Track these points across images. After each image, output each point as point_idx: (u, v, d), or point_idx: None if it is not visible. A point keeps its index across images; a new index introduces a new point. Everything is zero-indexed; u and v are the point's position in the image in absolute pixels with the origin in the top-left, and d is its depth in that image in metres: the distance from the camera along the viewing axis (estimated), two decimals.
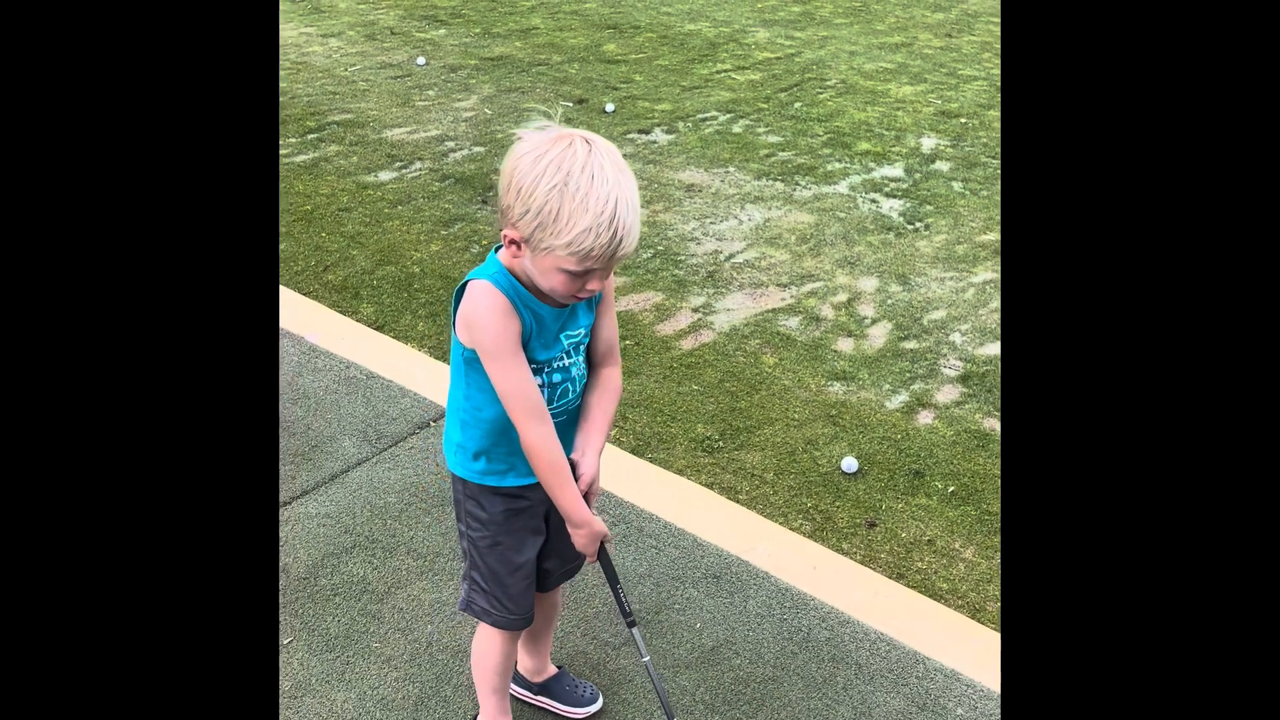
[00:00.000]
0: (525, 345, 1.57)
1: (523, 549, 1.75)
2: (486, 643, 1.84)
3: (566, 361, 1.64)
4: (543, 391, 1.61)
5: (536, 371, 1.60)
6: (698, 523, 2.57)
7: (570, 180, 1.38)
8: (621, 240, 1.42)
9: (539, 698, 2.07)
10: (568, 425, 1.69)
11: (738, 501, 2.78)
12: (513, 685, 2.07)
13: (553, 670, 2.07)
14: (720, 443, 3.04)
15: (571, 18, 7.88)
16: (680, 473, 2.88)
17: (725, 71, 6.66)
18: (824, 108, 6.01)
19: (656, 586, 2.37)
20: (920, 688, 2.11)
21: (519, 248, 1.48)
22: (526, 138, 1.45)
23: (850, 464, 2.95)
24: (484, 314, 1.53)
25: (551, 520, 1.76)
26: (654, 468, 2.86)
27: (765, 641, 2.22)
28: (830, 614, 2.30)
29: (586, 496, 1.65)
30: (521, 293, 1.55)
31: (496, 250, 1.58)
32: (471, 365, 1.59)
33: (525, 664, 2.04)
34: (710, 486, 2.83)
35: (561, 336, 1.62)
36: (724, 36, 7.47)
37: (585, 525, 1.64)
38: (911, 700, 2.09)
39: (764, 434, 3.09)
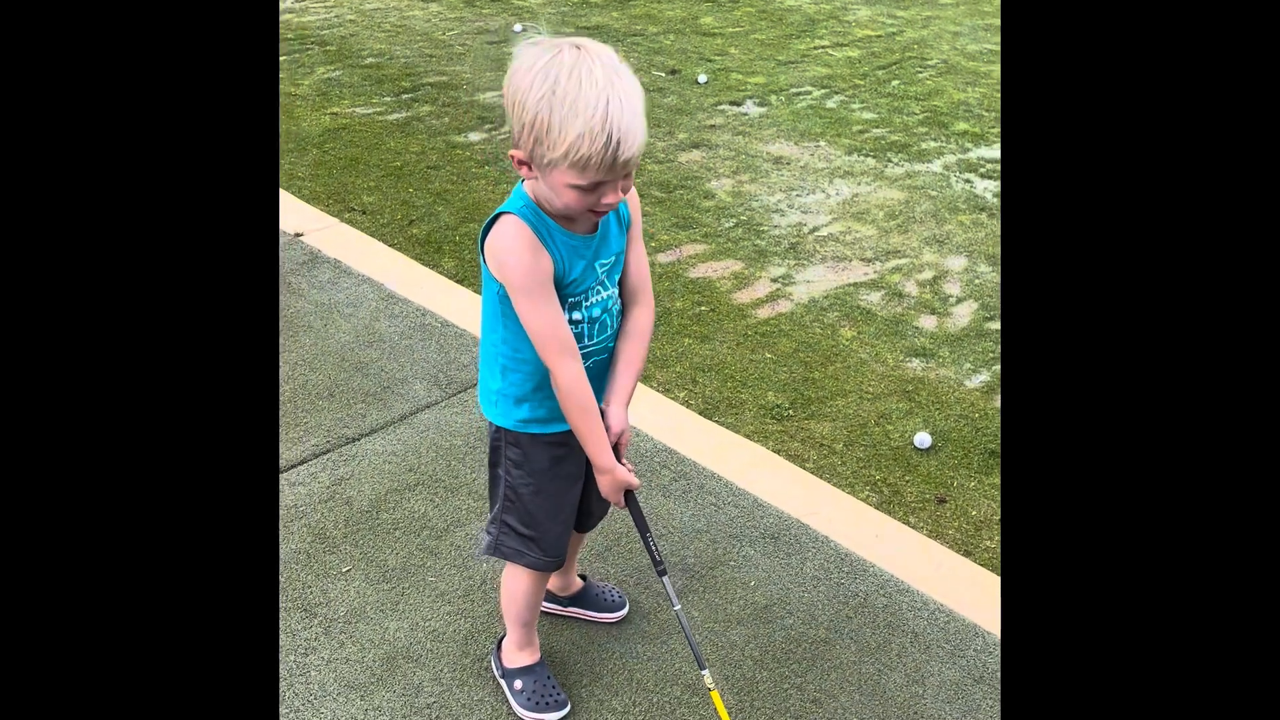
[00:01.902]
0: (561, 281, 1.53)
1: (567, 495, 1.75)
2: (516, 581, 1.85)
3: (604, 294, 1.61)
4: (582, 327, 1.59)
5: (575, 306, 1.57)
6: (760, 484, 2.54)
7: (558, 87, 1.33)
8: (619, 143, 1.34)
9: (570, 609, 2.11)
10: (605, 364, 1.67)
11: (805, 469, 2.73)
12: (543, 603, 2.08)
13: (579, 584, 2.10)
14: (790, 411, 2.99)
15: None
16: (748, 438, 2.84)
17: (823, 48, 6.54)
18: (922, 86, 5.85)
19: (713, 543, 2.34)
20: (977, 660, 2.05)
21: (528, 169, 1.44)
22: (521, 53, 1.39)
23: (923, 439, 2.87)
24: (512, 250, 1.49)
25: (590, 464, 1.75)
26: (721, 429, 2.83)
27: (820, 604, 2.18)
28: (889, 581, 2.24)
29: (616, 447, 1.62)
30: (549, 224, 1.51)
31: (522, 182, 1.54)
32: (506, 304, 1.55)
33: (553, 583, 2.06)
34: (777, 453, 2.79)
35: (596, 265, 1.58)
36: (824, 13, 7.34)
37: (609, 472, 1.61)
38: (968, 672, 2.02)
39: (836, 405, 3.03)
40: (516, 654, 1.94)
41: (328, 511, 2.39)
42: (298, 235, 3.72)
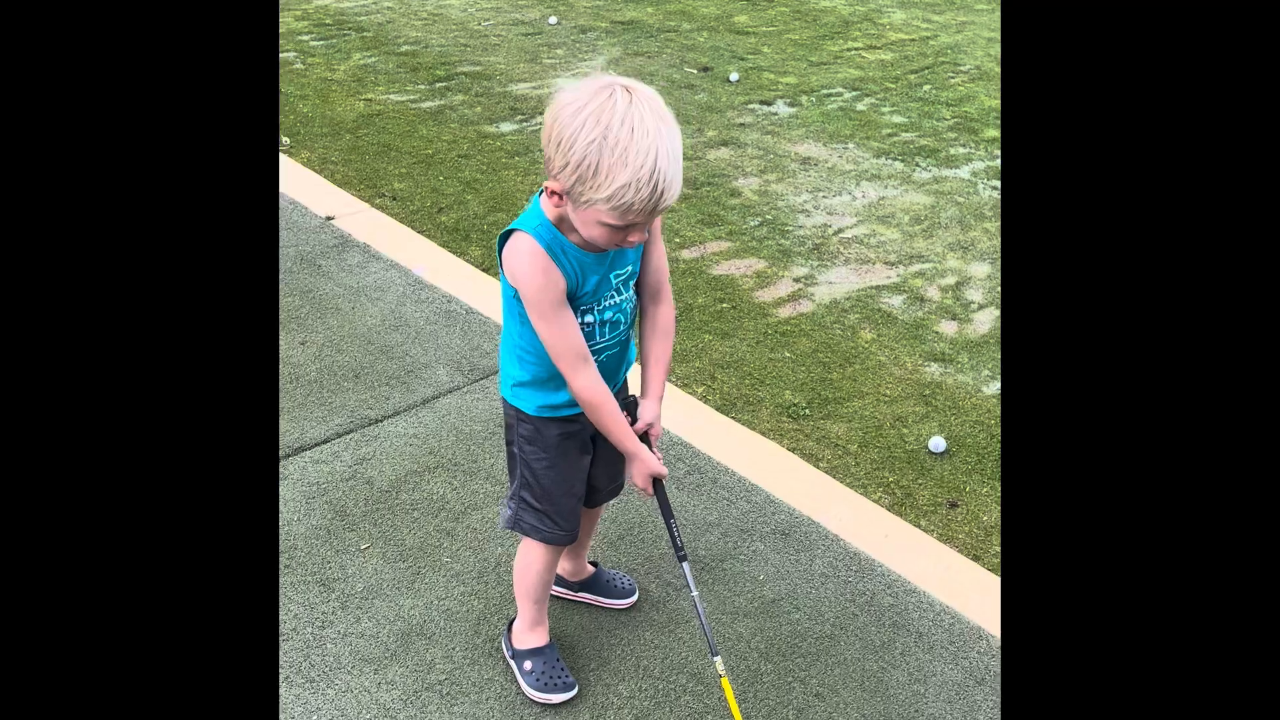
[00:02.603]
0: (574, 293, 1.59)
1: (577, 469, 1.81)
2: (530, 556, 1.90)
3: (619, 299, 1.67)
4: (594, 328, 1.64)
5: (587, 311, 1.62)
6: (773, 481, 2.57)
7: (609, 134, 1.36)
8: (662, 194, 1.40)
9: (579, 594, 2.17)
10: (619, 355, 1.73)
11: (819, 469, 2.76)
12: (554, 587, 2.14)
13: (590, 570, 2.16)
14: (807, 410, 3.02)
15: None
16: (764, 435, 2.88)
17: (856, 50, 6.54)
18: (954, 92, 5.85)
19: (724, 536, 2.38)
20: (981, 662, 2.07)
21: (560, 199, 1.48)
22: (568, 88, 1.43)
23: (938, 444, 2.89)
24: (525, 270, 1.54)
25: (599, 440, 1.80)
26: (737, 425, 2.87)
27: (827, 600, 2.21)
28: (897, 581, 2.27)
29: (647, 438, 1.69)
30: (564, 243, 1.56)
31: (540, 194, 1.57)
32: (521, 305, 1.61)
33: (564, 567, 2.12)
34: (792, 451, 2.82)
35: (611, 276, 1.63)
36: (859, 15, 7.33)
37: (636, 457, 1.68)
38: (970, 673, 2.05)
39: (852, 406, 3.05)
40: (527, 635, 1.99)
41: (349, 490, 2.45)
42: (329, 219, 3.78)
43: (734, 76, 5.77)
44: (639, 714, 1.94)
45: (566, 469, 1.79)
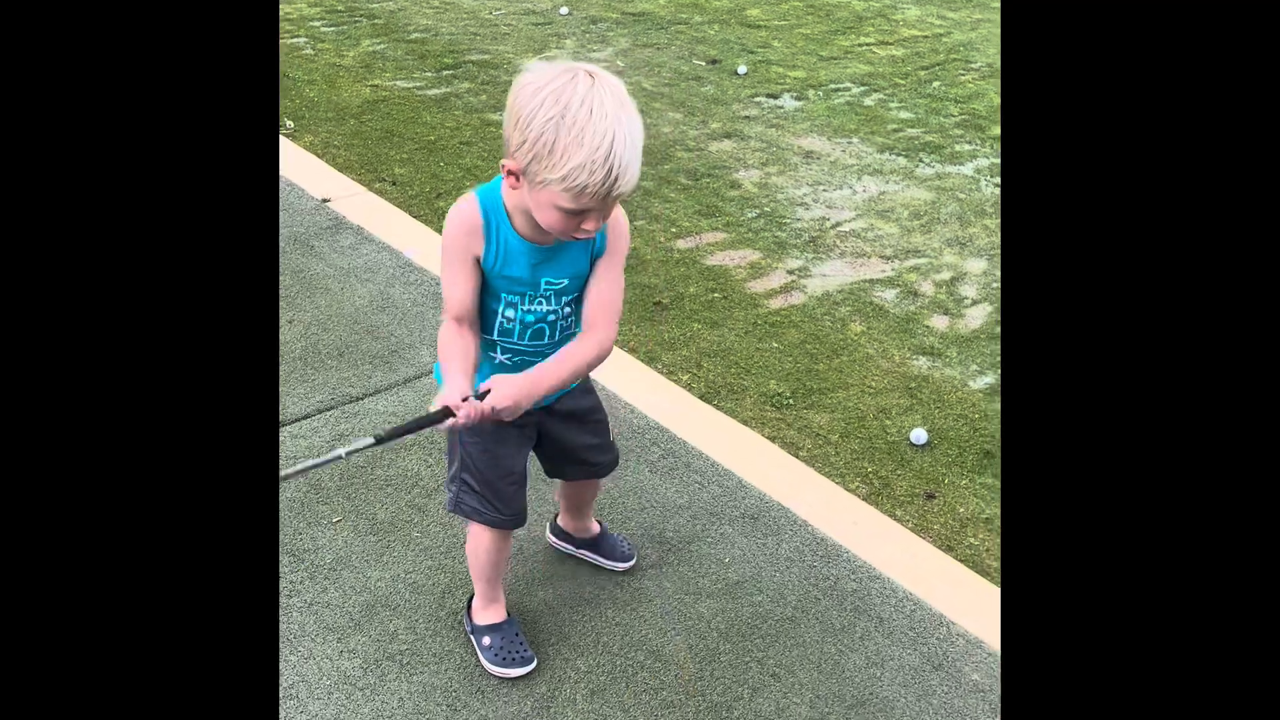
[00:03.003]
0: (491, 269, 1.61)
1: (514, 459, 1.82)
2: (476, 539, 1.93)
3: (547, 308, 1.66)
4: (513, 326, 1.66)
5: (510, 305, 1.64)
6: (747, 467, 2.58)
7: (567, 113, 1.36)
8: (617, 179, 1.40)
9: (581, 551, 2.23)
10: (522, 366, 1.70)
11: (798, 457, 2.77)
12: (558, 540, 2.26)
13: (596, 529, 2.22)
14: (790, 400, 3.03)
15: None
16: (745, 423, 2.89)
17: (867, 45, 6.52)
18: (964, 89, 5.83)
19: (693, 519, 2.40)
20: (939, 649, 2.08)
21: (517, 179, 1.48)
22: (533, 68, 1.44)
23: (920, 435, 2.90)
24: (450, 221, 1.59)
25: (545, 431, 1.84)
26: (717, 413, 2.88)
27: (790, 584, 2.23)
28: (862, 568, 2.28)
29: (484, 396, 1.56)
30: (501, 220, 1.58)
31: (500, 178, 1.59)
32: None
33: (570, 525, 2.20)
34: (772, 440, 2.83)
35: (541, 280, 1.63)
36: (872, 11, 7.31)
37: (443, 387, 1.58)
38: (928, 659, 2.06)
39: (836, 397, 3.06)
40: (483, 612, 2.01)
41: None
42: (325, 201, 3.82)
43: (742, 69, 5.77)
44: (595, 688, 1.96)
45: (502, 455, 1.80)
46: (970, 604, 2.20)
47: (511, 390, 1.56)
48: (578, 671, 1.99)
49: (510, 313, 1.66)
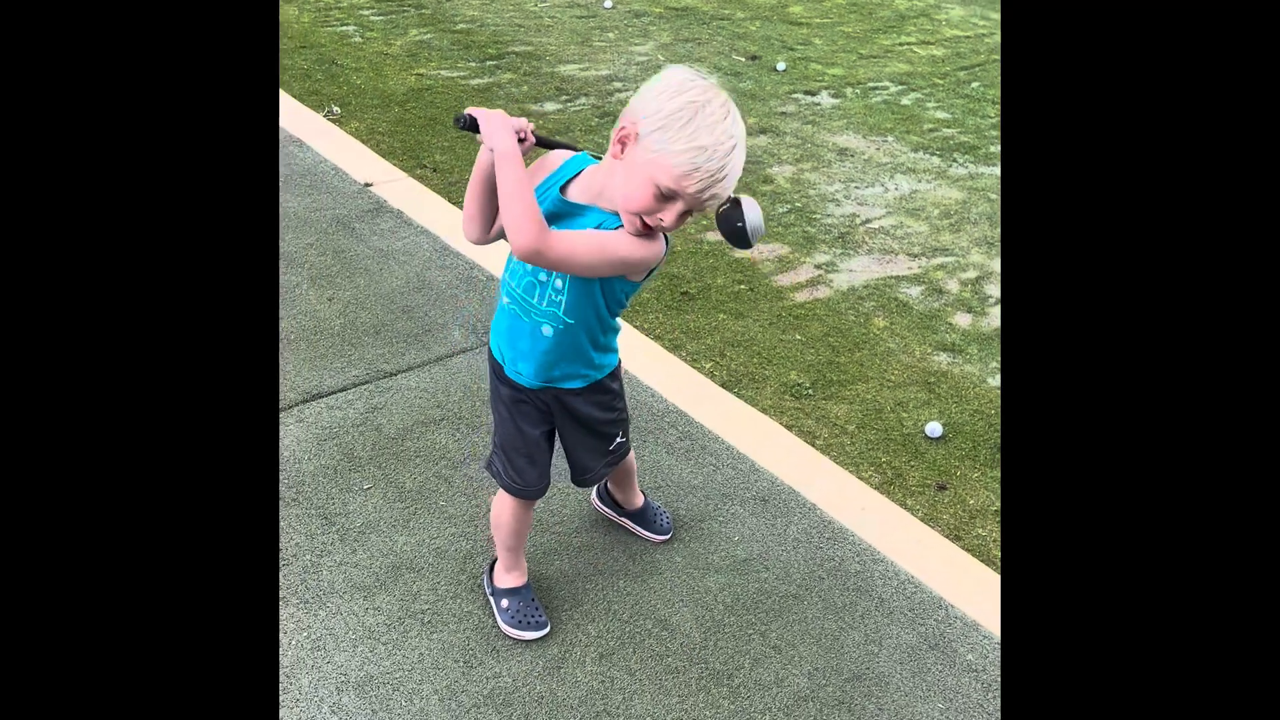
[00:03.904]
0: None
1: (529, 437, 1.92)
2: (499, 505, 2.05)
3: (534, 278, 1.73)
4: (517, 267, 1.75)
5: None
6: (762, 452, 2.67)
7: (708, 106, 1.50)
8: (723, 179, 1.52)
9: (623, 519, 2.37)
10: (518, 320, 1.79)
11: (814, 446, 2.85)
12: (603, 506, 2.40)
13: (640, 501, 2.36)
14: (810, 391, 3.11)
15: None
16: (764, 412, 2.97)
17: (908, 44, 6.55)
18: None
19: (705, 499, 2.49)
20: (936, 629, 2.16)
21: (623, 148, 1.56)
22: (679, 68, 1.56)
23: (935, 429, 2.96)
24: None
25: (559, 426, 1.94)
26: (736, 400, 2.97)
27: (796, 563, 2.31)
28: (866, 551, 2.36)
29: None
30: (566, 176, 1.68)
31: (583, 160, 1.70)
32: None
33: (618, 494, 2.34)
34: (789, 428, 2.91)
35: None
36: (916, 10, 7.33)
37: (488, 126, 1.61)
38: (924, 638, 2.14)
39: (855, 389, 3.13)
40: (505, 575, 2.12)
41: (359, 435, 2.61)
42: (367, 185, 3.96)
43: (780, 66, 5.83)
44: (604, 652, 2.07)
45: (517, 434, 1.91)
46: (971, 589, 2.28)
47: (495, 121, 1.60)
48: (588, 636, 2.10)
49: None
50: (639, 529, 2.36)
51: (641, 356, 3.06)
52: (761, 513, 2.46)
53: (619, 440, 2.01)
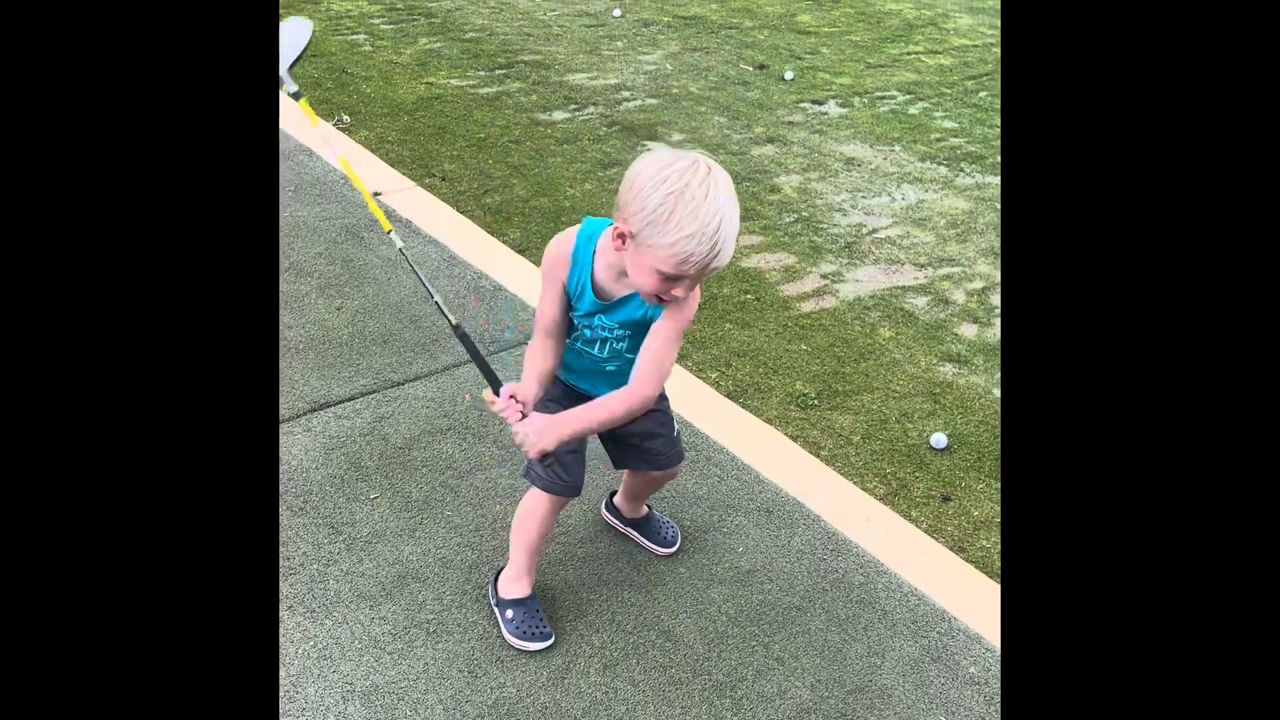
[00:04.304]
0: (568, 301, 1.85)
1: None
2: (530, 503, 2.09)
3: (602, 336, 1.88)
4: (580, 333, 1.89)
5: (575, 327, 1.89)
6: (767, 463, 2.68)
7: (687, 191, 1.57)
8: (718, 253, 1.60)
9: (628, 529, 2.41)
10: (594, 376, 1.95)
11: (819, 457, 2.86)
12: (610, 516, 2.44)
13: (644, 512, 2.41)
14: (815, 401, 3.12)
15: None
16: (769, 422, 2.98)
17: (916, 54, 6.56)
18: None
19: (710, 510, 2.50)
20: (939, 642, 2.17)
21: (623, 241, 1.67)
22: (658, 150, 1.65)
23: (940, 440, 2.97)
24: (549, 250, 1.82)
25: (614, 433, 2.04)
26: (742, 411, 2.98)
27: (799, 575, 2.32)
28: (869, 563, 2.37)
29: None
30: (584, 264, 1.79)
31: (599, 226, 1.81)
32: None
33: (623, 506, 2.40)
34: (794, 439, 2.92)
35: (596, 317, 1.84)
36: (924, 19, 7.34)
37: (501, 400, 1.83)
38: (927, 651, 2.14)
39: (861, 400, 3.14)
40: (511, 585, 2.14)
41: (366, 444, 2.63)
42: (376, 194, 3.98)
43: (789, 75, 5.85)
44: (608, 663, 2.08)
45: None
46: (974, 602, 2.29)
47: (536, 424, 1.80)
48: (592, 647, 2.11)
49: (586, 333, 1.90)
50: (643, 540, 2.39)
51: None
52: (765, 524, 2.47)
53: (672, 418, 2.16)
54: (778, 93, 5.63)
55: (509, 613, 2.13)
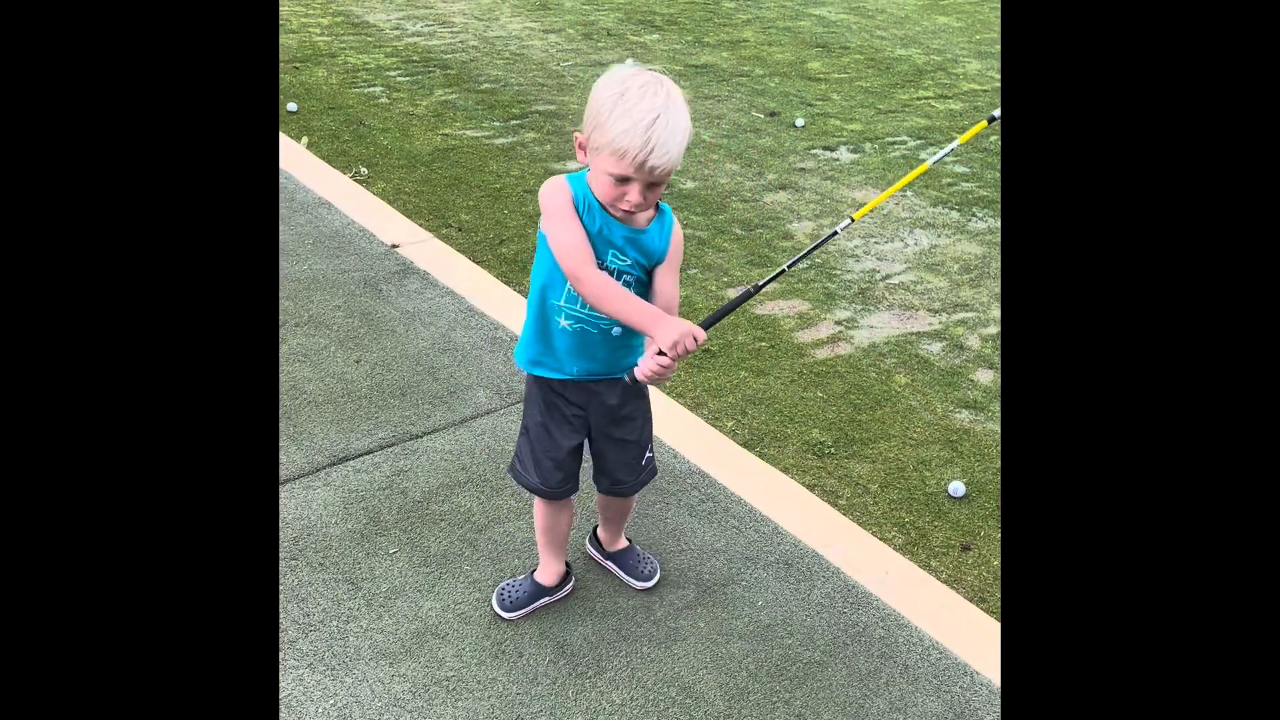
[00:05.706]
0: (590, 235, 1.82)
1: (562, 438, 2.09)
2: (536, 507, 2.26)
3: (622, 264, 1.89)
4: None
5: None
6: (785, 514, 2.68)
7: (628, 93, 1.67)
8: (653, 149, 1.65)
9: (608, 562, 2.47)
10: (584, 335, 1.95)
11: (837, 507, 2.85)
12: (593, 549, 2.51)
13: (623, 544, 2.46)
14: (832, 449, 3.12)
15: (782, 34, 8.03)
16: (786, 471, 2.98)
17: (926, 99, 6.62)
18: None
19: (729, 562, 2.50)
20: (962, 697, 2.15)
21: (583, 153, 1.77)
22: (612, 69, 1.74)
23: (958, 488, 2.96)
24: (548, 188, 1.83)
25: (591, 427, 2.10)
26: (758, 460, 2.98)
27: (820, 629, 2.31)
28: (890, 616, 2.36)
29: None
30: (590, 198, 1.82)
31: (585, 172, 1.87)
32: (542, 242, 1.89)
33: (603, 536, 2.46)
34: (811, 488, 2.92)
35: (612, 250, 1.86)
36: (933, 65, 7.41)
37: (659, 325, 1.76)
38: (950, 706, 2.12)
39: (878, 448, 3.14)
40: (540, 572, 2.34)
41: (385, 498, 2.64)
42: (394, 246, 4.03)
43: (800, 122, 5.91)
44: None
45: (550, 436, 2.09)
46: (996, 655, 2.27)
47: (680, 332, 1.76)
48: (612, 704, 2.10)
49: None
50: (621, 573, 2.44)
51: (663, 415, 3.08)
52: (785, 576, 2.46)
53: (648, 455, 2.20)
54: (789, 140, 5.69)
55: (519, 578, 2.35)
